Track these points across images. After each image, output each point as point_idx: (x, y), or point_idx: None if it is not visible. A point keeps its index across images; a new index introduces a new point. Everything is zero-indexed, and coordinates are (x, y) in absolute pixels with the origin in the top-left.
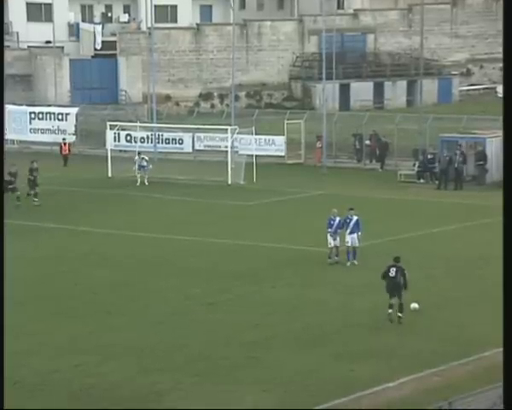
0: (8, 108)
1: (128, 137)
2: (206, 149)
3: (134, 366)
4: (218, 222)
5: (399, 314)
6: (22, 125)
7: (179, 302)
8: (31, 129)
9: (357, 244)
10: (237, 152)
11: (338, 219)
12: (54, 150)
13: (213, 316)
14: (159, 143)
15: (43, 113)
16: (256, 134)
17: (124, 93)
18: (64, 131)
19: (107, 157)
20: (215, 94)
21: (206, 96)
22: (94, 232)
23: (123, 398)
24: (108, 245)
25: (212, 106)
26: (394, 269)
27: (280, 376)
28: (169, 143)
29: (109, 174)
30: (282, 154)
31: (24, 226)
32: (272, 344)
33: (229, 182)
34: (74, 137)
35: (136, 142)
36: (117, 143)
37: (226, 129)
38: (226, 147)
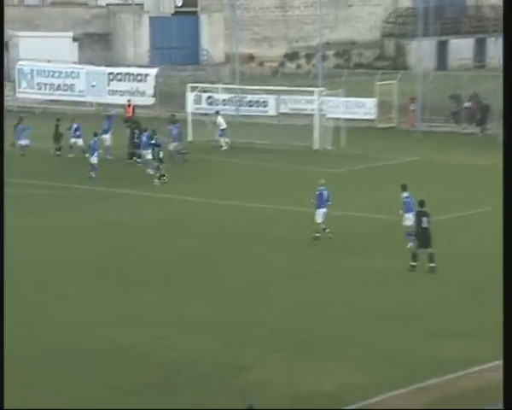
0: (87, 68)
1: (209, 100)
2: (292, 112)
3: (215, 340)
4: (303, 190)
5: (432, 265)
6: (100, 87)
7: (263, 274)
8: (109, 91)
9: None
10: (324, 115)
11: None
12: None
13: (299, 289)
14: (241, 105)
15: (121, 74)
16: (345, 96)
17: (205, 53)
18: (143, 93)
19: (186, 121)
20: (301, 53)
21: (291, 56)
22: (173, 199)
23: (203, 373)
24: (188, 213)
25: (298, 66)
26: (426, 219)
27: (372, 354)
28: (252, 105)
29: (189, 138)
30: (373, 117)
31: (102, 193)
32: (364, 320)
33: (316, 147)
34: (153, 99)
35: (217, 104)
36: (198, 105)
37: (313, 91)
38: (313, 110)
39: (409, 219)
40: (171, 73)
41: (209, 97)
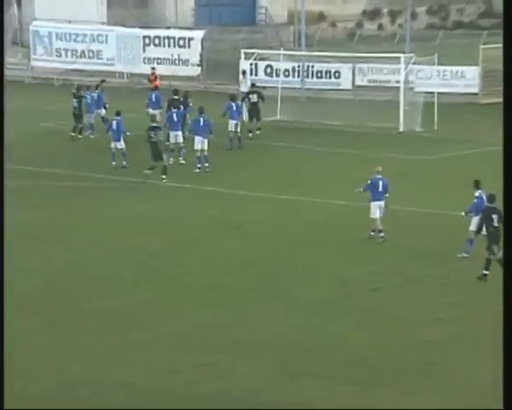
0: (117, 30)
1: (268, 70)
2: (371, 84)
3: (274, 368)
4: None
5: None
6: (134, 54)
7: (332, 287)
8: (144, 58)
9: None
10: (413, 89)
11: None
12: (173, 87)
13: (377, 307)
14: (308, 76)
15: (160, 37)
16: (439, 64)
17: (263, 11)
18: (186, 62)
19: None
20: (384, 10)
21: (371, 14)
22: (222, 193)
23: (261, 408)
24: (240, 209)
25: (380, 27)
26: (496, 217)
27: (463, 387)
28: (321, 76)
29: (245, 118)
30: (475, 90)
31: (135, 184)
32: (456, 346)
33: (401, 129)
34: (199, 69)
35: (278, 75)
36: (254, 76)
37: (399, 57)
38: (398, 82)
39: (473, 224)
40: (222, 37)
41: (268, 66)
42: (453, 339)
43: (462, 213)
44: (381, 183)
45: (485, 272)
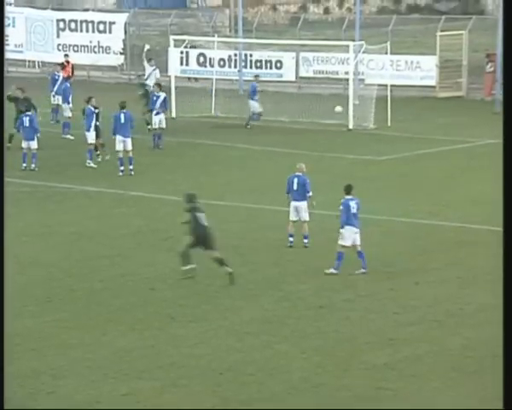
0: (25, 12)
1: (201, 59)
2: (317, 75)
3: (208, 396)
4: (334, 184)
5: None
6: (46, 40)
7: (274, 304)
8: (59, 45)
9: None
10: (363, 80)
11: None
12: (93, 78)
13: (323, 326)
14: (246, 67)
15: (76, 21)
16: (392, 53)
17: None
18: (107, 50)
19: (169, 88)
20: None
21: None
22: (147, 198)
23: None
24: (169, 217)
25: (327, 11)
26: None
27: None
28: (261, 66)
29: (173, 114)
30: (433, 83)
31: (52, 189)
32: (412, 369)
33: (351, 126)
34: (122, 57)
35: (212, 65)
36: (185, 66)
37: (347, 46)
38: (347, 73)
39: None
40: (148, 21)
41: (201, 55)
42: (407, 362)
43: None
44: (295, 180)
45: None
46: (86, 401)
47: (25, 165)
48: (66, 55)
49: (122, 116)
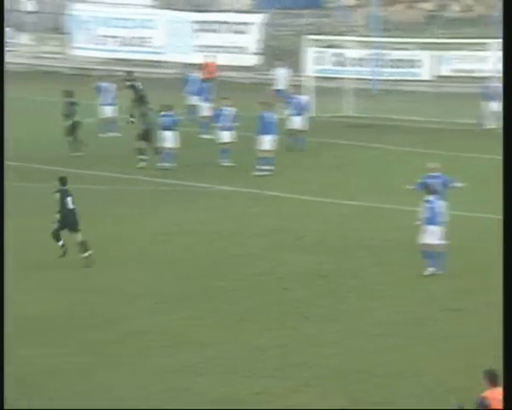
0: (165, 14)
1: (336, 58)
2: (456, 74)
3: (339, 397)
4: (473, 188)
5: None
6: (183, 41)
7: (413, 305)
8: (195, 46)
9: None
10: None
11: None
12: (228, 78)
13: (459, 330)
14: (382, 66)
15: (212, 22)
16: None
17: None
18: (243, 50)
19: (304, 88)
20: None
21: None
22: (283, 198)
23: None
24: (303, 217)
25: (467, 8)
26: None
27: None
28: (397, 66)
29: (311, 113)
30: None
31: (189, 188)
32: None
33: (491, 125)
34: (256, 57)
35: (347, 64)
36: (320, 66)
37: (487, 43)
38: (488, 72)
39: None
40: (283, 21)
41: (336, 55)
42: None
43: None
44: (438, 181)
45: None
46: (220, 399)
47: (164, 164)
48: (206, 56)
49: (265, 116)
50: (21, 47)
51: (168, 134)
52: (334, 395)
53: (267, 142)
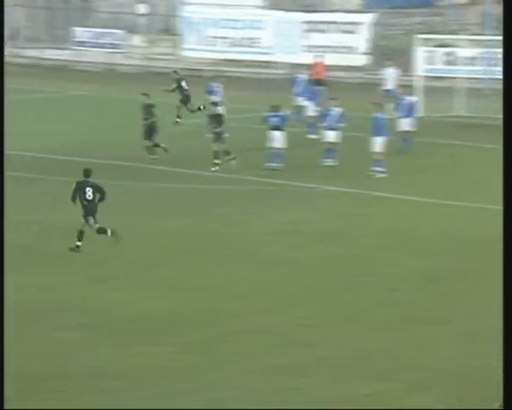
0: (274, 15)
1: (448, 58)
2: None
3: (454, 398)
4: None
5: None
6: (291, 42)
7: None
8: (304, 46)
9: None
10: None
11: None
12: (336, 78)
13: None
14: (495, 65)
15: (321, 22)
16: None
17: None
18: (352, 50)
19: (414, 87)
20: None
21: None
22: (391, 199)
23: None
24: (413, 219)
25: None
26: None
27: None
28: None
29: (419, 113)
30: None
31: (295, 188)
32: None
33: None
34: (365, 57)
35: (458, 64)
36: (430, 66)
37: None
38: None
39: None
40: (393, 21)
41: (448, 54)
42: None
43: None
44: None
45: (78, 243)
46: (330, 400)
47: (272, 164)
48: (315, 57)
49: (378, 117)
50: (133, 49)
51: (276, 134)
52: (445, 399)
53: (378, 143)
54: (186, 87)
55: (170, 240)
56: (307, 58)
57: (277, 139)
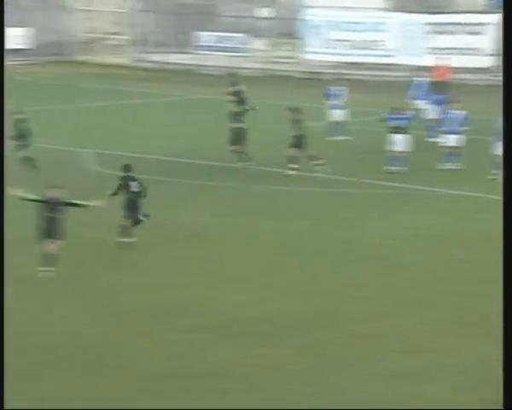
0: (398, 17)
1: None
2: None
3: None
4: None
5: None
6: (415, 44)
7: None
8: (427, 48)
9: None
10: None
11: None
12: (461, 80)
13: None
14: None
15: (446, 24)
16: None
17: None
18: (476, 51)
19: None
20: None
21: None
22: None
23: None
24: None
25: None
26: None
27: None
28: None
29: None
30: None
31: (415, 192)
32: None
33: None
34: (491, 59)
35: None
36: None
37: None
38: None
39: None
40: None
41: None
42: None
43: None
44: None
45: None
46: (450, 408)
47: (391, 167)
48: (437, 59)
49: (500, 121)
50: (256, 52)
51: (398, 137)
52: None
53: (501, 147)
54: (243, 90)
55: (288, 243)
56: (431, 60)
57: (399, 142)
